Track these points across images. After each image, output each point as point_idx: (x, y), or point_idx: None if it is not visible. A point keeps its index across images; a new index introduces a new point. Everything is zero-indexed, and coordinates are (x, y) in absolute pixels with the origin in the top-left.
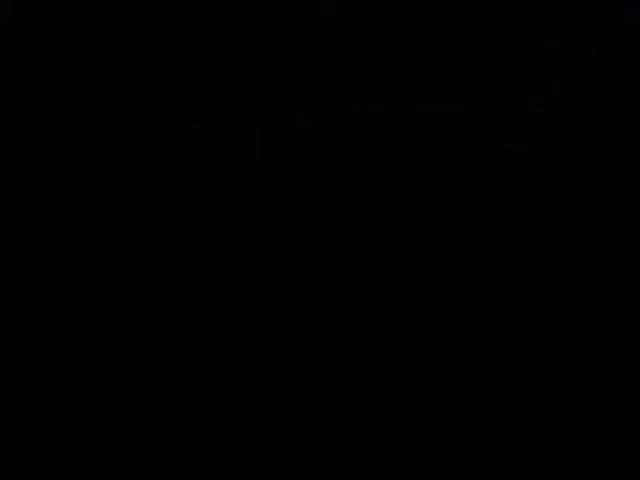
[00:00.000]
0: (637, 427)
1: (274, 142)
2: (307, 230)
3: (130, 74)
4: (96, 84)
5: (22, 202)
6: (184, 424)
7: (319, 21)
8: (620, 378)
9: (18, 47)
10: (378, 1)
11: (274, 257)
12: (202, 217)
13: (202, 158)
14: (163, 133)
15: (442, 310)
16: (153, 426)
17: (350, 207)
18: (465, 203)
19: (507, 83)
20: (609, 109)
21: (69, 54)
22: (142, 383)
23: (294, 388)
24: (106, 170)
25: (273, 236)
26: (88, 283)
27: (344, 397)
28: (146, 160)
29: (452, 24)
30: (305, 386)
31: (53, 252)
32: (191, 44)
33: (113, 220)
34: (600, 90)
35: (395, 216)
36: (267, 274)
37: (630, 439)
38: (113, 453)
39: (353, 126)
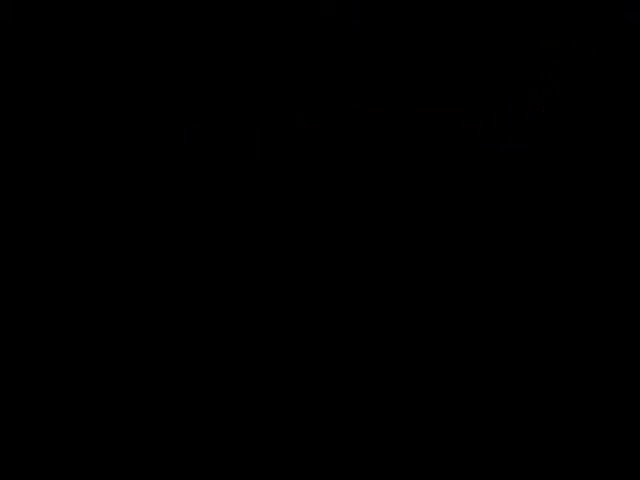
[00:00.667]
0: (637, 427)
1: (274, 142)
2: (307, 230)
3: (130, 74)
4: (96, 84)
5: (22, 202)
6: (184, 424)
7: (319, 21)
8: (620, 378)
9: (18, 47)
10: (378, 1)
11: (274, 257)
12: (202, 217)
13: (202, 158)
14: (163, 133)
15: (442, 310)
16: (153, 426)
17: (350, 207)
18: (465, 203)
19: (507, 83)
20: (609, 109)
21: (69, 54)
22: (142, 383)
23: (294, 388)
24: (106, 170)
25: (273, 236)
26: (88, 283)
27: (344, 397)
28: (146, 160)
29: (452, 24)
30: (305, 386)
31: (53, 252)
32: (191, 44)
33: (113, 220)
34: (600, 90)
35: (395, 216)
36: (267, 274)
37: (630, 439)
38: (113, 453)
39: (353, 126)
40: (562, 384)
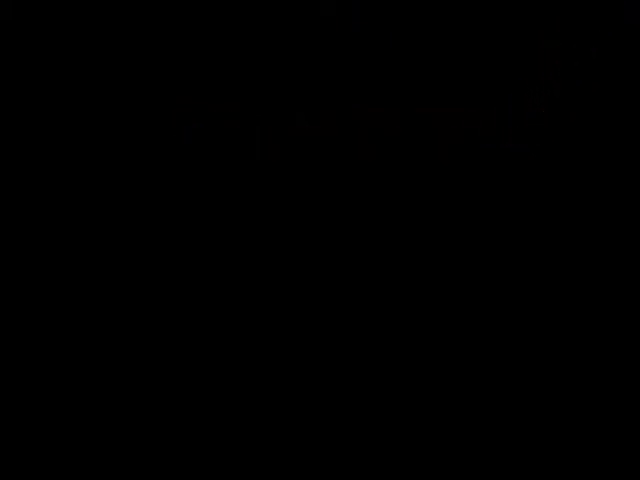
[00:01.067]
0: (637, 427)
1: (274, 142)
2: (307, 230)
3: (130, 74)
4: (96, 84)
5: (22, 202)
6: (184, 424)
7: (319, 21)
8: (620, 378)
9: (18, 47)
10: (378, 1)
11: (274, 257)
12: (202, 217)
13: (202, 158)
14: (163, 133)
15: (442, 310)
16: (153, 426)
17: (350, 207)
18: (465, 203)
19: (507, 83)
20: (609, 109)
21: (69, 54)
22: (142, 383)
23: (294, 388)
24: (106, 170)
25: (273, 236)
26: (88, 283)
27: (344, 397)
28: (146, 160)
29: (452, 24)
30: (305, 386)
31: (53, 252)
32: (191, 44)
33: (113, 220)
34: (600, 90)
35: (395, 216)
36: (267, 274)
37: (630, 439)
38: (113, 453)
39: (353, 126)
40: (562, 384)
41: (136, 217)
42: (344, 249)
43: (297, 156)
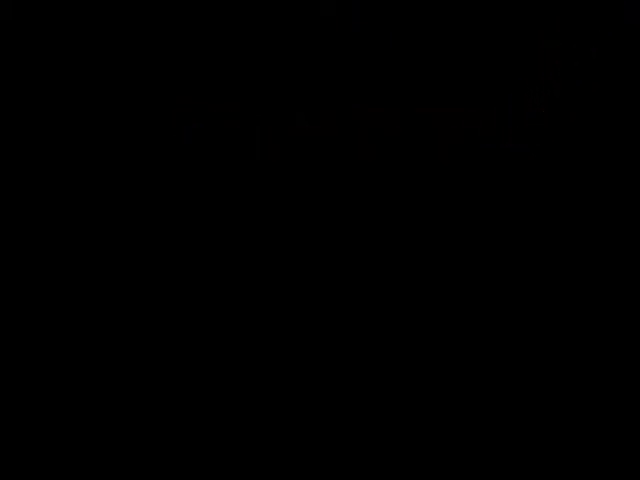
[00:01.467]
0: (637, 427)
1: (274, 142)
2: (307, 230)
3: (130, 74)
4: (96, 84)
5: (22, 202)
6: (184, 424)
7: (319, 21)
8: (620, 378)
9: (18, 47)
10: (378, 1)
11: (274, 257)
12: (202, 217)
13: (202, 158)
14: (163, 133)
15: (442, 310)
16: (153, 426)
17: (350, 207)
18: (465, 203)
19: (507, 83)
20: (609, 109)
21: (69, 54)
22: (142, 383)
23: (294, 388)
24: (106, 170)
25: (273, 236)
26: (88, 283)
27: (344, 397)
28: (146, 160)
29: (452, 24)
30: (305, 386)
31: (53, 252)
32: (191, 44)
33: (113, 220)
34: (600, 90)
35: (395, 216)
36: (267, 274)
37: (630, 439)
38: (113, 453)
39: (353, 126)
40: (562, 384)
41: (136, 217)
42: (344, 249)
43: (297, 156)
